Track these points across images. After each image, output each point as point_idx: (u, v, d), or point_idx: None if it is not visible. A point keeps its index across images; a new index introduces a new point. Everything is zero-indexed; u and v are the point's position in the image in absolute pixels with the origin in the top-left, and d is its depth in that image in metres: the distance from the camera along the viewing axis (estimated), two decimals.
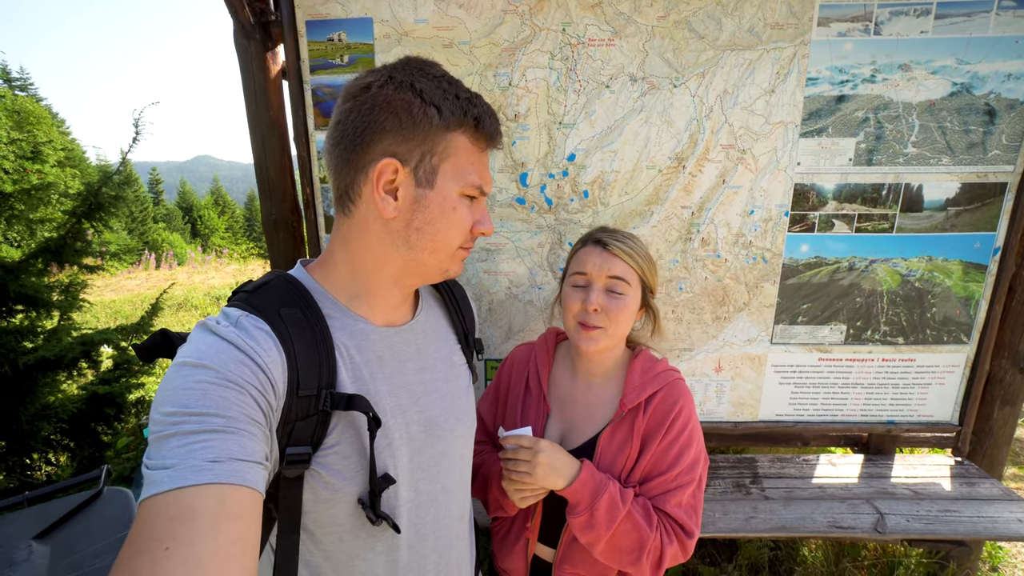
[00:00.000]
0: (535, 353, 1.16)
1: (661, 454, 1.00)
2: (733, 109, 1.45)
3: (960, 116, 1.44)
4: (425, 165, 0.68)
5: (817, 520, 1.55)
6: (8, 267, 2.04)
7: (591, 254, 1.02)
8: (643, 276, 1.03)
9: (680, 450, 0.99)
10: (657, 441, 0.99)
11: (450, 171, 0.69)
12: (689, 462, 0.99)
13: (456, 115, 0.67)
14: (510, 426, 1.11)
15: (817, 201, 1.51)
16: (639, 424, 1.01)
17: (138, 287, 8.98)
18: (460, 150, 0.69)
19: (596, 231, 1.06)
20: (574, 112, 1.47)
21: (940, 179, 1.49)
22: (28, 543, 1.18)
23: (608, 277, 0.99)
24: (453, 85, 0.69)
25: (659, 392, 1.02)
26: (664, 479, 0.99)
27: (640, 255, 1.02)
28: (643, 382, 1.03)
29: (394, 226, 0.70)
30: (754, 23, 1.39)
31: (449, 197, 0.70)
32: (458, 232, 0.73)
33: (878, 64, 1.41)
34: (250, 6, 1.48)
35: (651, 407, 1.01)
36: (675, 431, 1.00)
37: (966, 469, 1.77)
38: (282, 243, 1.71)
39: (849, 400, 1.68)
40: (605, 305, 0.99)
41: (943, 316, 1.59)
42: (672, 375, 1.05)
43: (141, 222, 26.65)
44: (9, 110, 6.28)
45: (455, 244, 0.73)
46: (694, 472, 1.00)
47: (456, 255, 0.76)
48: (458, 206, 0.71)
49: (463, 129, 0.69)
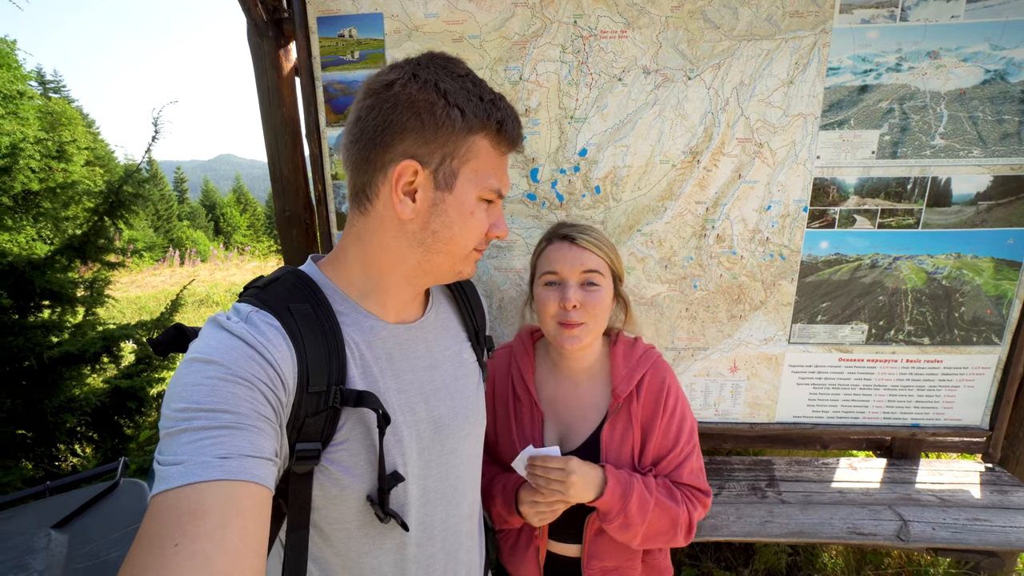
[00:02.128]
0: (514, 357, 1.14)
1: (664, 434, 1.04)
2: (750, 101, 1.40)
3: (993, 105, 1.37)
4: (445, 168, 0.67)
5: (836, 526, 1.50)
6: (35, 263, 2.11)
7: (560, 250, 1.01)
8: (612, 265, 1.03)
9: (679, 424, 1.04)
10: (658, 423, 1.03)
11: (470, 174, 0.69)
12: (688, 432, 1.05)
13: (479, 118, 0.66)
14: (508, 440, 1.10)
15: (838, 196, 1.46)
16: (635, 410, 1.03)
17: (162, 283, 9.23)
18: (481, 153, 0.68)
19: (557, 227, 1.06)
20: (586, 106, 1.44)
21: (970, 172, 1.42)
22: (47, 532, 1.21)
23: (583, 272, 0.99)
24: (477, 86, 0.68)
25: (646, 374, 1.04)
26: (673, 455, 1.04)
27: (606, 245, 1.03)
28: (629, 369, 1.05)
29: (410, 227, 0.69)
30: (772, 11, 1.34)
31: (467, 201, 0.70)
32: (474, 236, 0.72)
33: (904, 52, 1.35)
34: (262, 3, 1.49)
35: (643, 391, 1.04)
36: (670, 408, 1.03)
37: (997, 476, 1.69)
38: (295, 239, 1.73)
39: (871, 402, 1.62)
40: (583, 300, 0.98)
41: (972, 316, 1.52)
42: (652, 354, 1.08)
43: (166, 220, 27.40)
44: (43, 112, 6.52)
45: (470, 247, 0.73)
46: (693, 437, 1.07)
47: (470, 257, 0.75)
48: (476, 210, 0.71)
49: (485, 132, 0.68)
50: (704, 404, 1.66)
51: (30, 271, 2.08)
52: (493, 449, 1.15)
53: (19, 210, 2.21)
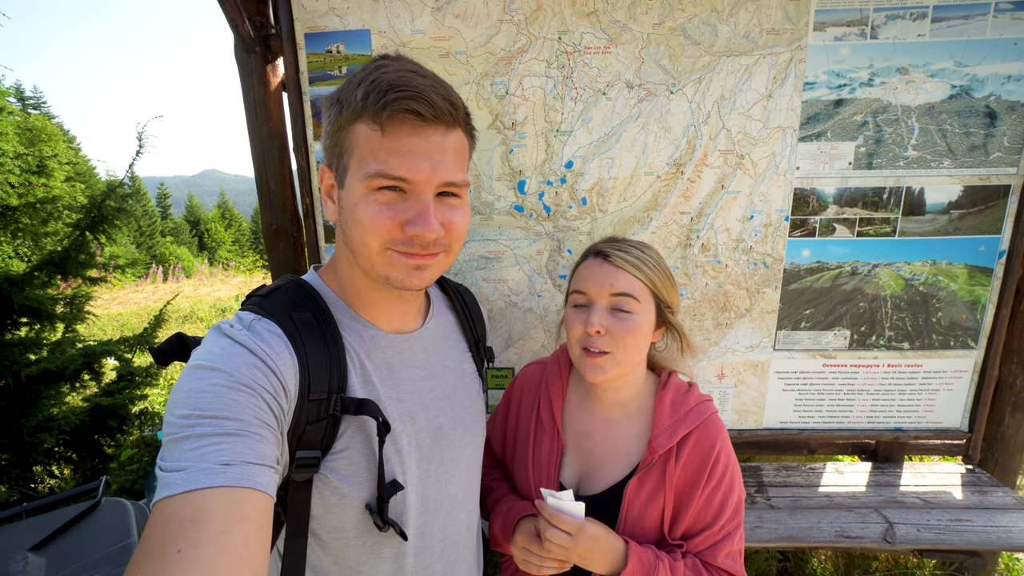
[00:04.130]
0: (546, 377, 1.01)
1: (704, 506, 0.88)
2: (731, 114, 1.45)
3: (960, 119, 1.43)
4: (341, 165, 0.67)
5: (824, 529, 1.51)
6: (13, 279, 2.06)
7: (591, 268, 0.90)
8: (655, 290, 0.89)
9: (723, 498, 0.88)
10: (699, 492, 0.87)
11: (356, 165, 0.64)
12: (732, 508, 0.88)
13: (352, 104, 0.63)
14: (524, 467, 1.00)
15: (817, 205, 1.50)
16: (671, 472, 0.88)
17: (145, 300, 9.05)
18: (360, 139, 0.63)
19: (600, 242, 0.95)
20: (571, 119, 1.47)
21: (942, 182, 1.48)
22: (24, 554, 1.17)
23: (611, 295, 0.86)
24: (371, 75, 0.62)
25: (693, 432, 0.88)
26: (711, 532, 0.88)
27: (650, 265, 0.89)
28: (675, 420, 0.89)
29: (338, 229, 0.71)
30: (750, 29, 1.39)
31: (353, 193, 0.65)
32: (366, 230, 0.64)
33: (876, 68, 1.41)
34: (250, 20, 1.50)
35: (685, 451, 0.88)
36: (716, 478, 0.87)
37: (978, 477, 1.73)
38: (283, 253, 1.72)
39: (855, 407, 1.65)
40: (610, 326, 0.85)
41: (949, 321, 1.57)
42: (707, 409, 0.91)
43: (149, 236, 26.96)
44: (22, 128, 6.39)
45: (373, 244, 0.65)
46: (739, 516, 0.89)
47: (386, 258, 0.66)
48: (361, 201, 0.64)
49: (360, 117, 0.63)
50: None
51: (8, 287, 2.03)
52: (510, 467, 1.07)
53: None
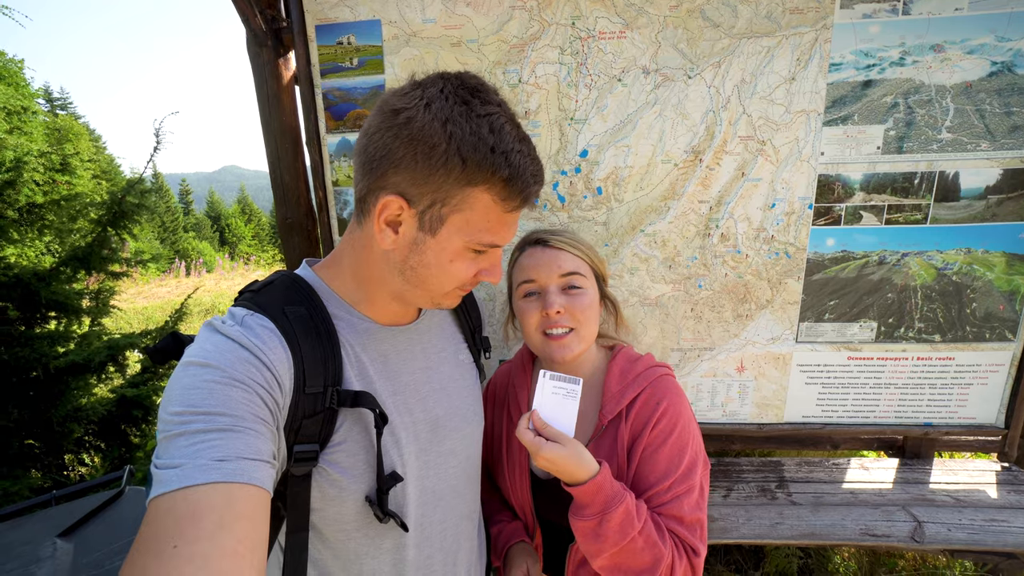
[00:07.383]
0: (512, 377, 1.05)
1: (647, 460, 0.88)
2: (751, 99, 1.39)
3: (1001, 98, 1.35)
4: (433, 212, 0.64)
5: (848, 527, 1.47)
6: (40, 275, 2.12)
7: (534, 256, 0.93)
8: (594, 265, 0.96)
9: (670, 454, 0.87)
10: (641, 446, 0.88)
11: (459, 223, 0.65)
12: (684, 467, 0.87)
13: (483, 171, 0.61)
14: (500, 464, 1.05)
15: (843, 192, 1.44)
16: (622, 433, 0.90)
17: (168, 294, 9.31)
18: (477, 206, 0.64)
19: (528, 235, 0.99)
20: (586, 107, 1.43)
21: (979, 165, 1.40)
22: (53, 540, 1.21)
23: (561, 275, 0.91)
24: (496, 133, 0.61)
25: (641, 394, 0.91)
26: (656, 491, 0.86)
27: (584, 244, 0.95)
28: (622, 386, 0.92)
29: (392, 256, 0.69)
30: (772, 8, 1.34)
31: (449, 248, 0.66)
32: (451, 280, 0.70)
33: (908, 46, 1.34)
34: (261, 14, 1.49)
35: (633, 412, 0.90)
36: (658, 431, 0.88)
37: (1014, 475, 1.66)
38: (297, 246, 1.72)
39: (882, 401, 1.59)
40: (567, 304, 0.89)
41: (984, 312, 1.50)
42: (656, 372, 0.94)
43: (172, 231, 27.66)
44: (50, 128, 6.58)
45: (448, 288, 0.71)
46: (691, 479, 0.87)
47: (451, 295, 0.73)
48: (457, 259, 0.67)
49: (488, 186, 0.62)
50: (711, 405, 1.64)
51: (36, 282, 2.09)
52: (491, 467, 1.10)
53: (24, 223, 2.23)
